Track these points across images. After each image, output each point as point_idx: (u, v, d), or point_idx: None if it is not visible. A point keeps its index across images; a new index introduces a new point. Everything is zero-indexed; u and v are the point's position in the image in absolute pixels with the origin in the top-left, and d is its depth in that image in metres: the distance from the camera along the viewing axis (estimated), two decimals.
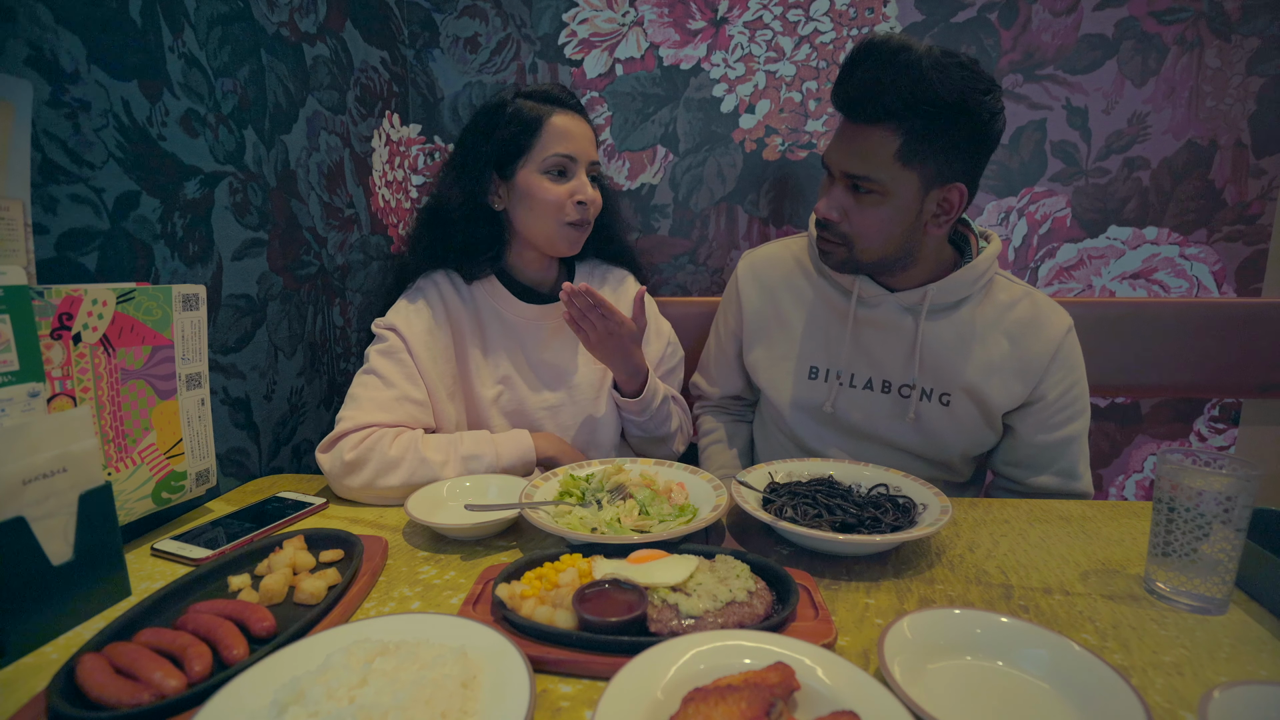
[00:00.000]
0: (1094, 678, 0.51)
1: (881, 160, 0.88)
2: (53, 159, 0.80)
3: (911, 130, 0.86)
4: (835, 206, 0.94)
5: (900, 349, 1.04)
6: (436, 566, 0.77)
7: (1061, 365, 1.00)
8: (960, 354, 1.01)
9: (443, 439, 1.00)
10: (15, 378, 0.65)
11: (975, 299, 1.02)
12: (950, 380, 1.02)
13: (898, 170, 0.88)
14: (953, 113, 0.84)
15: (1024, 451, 1.05)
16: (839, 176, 0.93)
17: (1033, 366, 1.00)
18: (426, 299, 1.09)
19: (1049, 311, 1.02)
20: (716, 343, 1.24)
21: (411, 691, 0.47)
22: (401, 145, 1.65)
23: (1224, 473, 0.64)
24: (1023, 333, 1.00)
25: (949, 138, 0.86)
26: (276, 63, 1.21)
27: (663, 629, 0.58)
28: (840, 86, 0.90)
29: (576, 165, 1.05)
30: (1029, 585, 0.71)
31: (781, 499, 0.83)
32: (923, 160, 0.88)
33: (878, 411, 1.07)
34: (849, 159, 0.90)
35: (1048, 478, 1.04)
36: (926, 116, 0.84)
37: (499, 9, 1.59)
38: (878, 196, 0.91)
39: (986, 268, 1.00)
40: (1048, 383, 1.00)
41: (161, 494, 0.86)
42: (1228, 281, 1.45)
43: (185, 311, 0.87)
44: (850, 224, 0.94)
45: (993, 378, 1.01)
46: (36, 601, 0.62)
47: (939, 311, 1.02)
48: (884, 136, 0.87)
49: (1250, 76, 1.37)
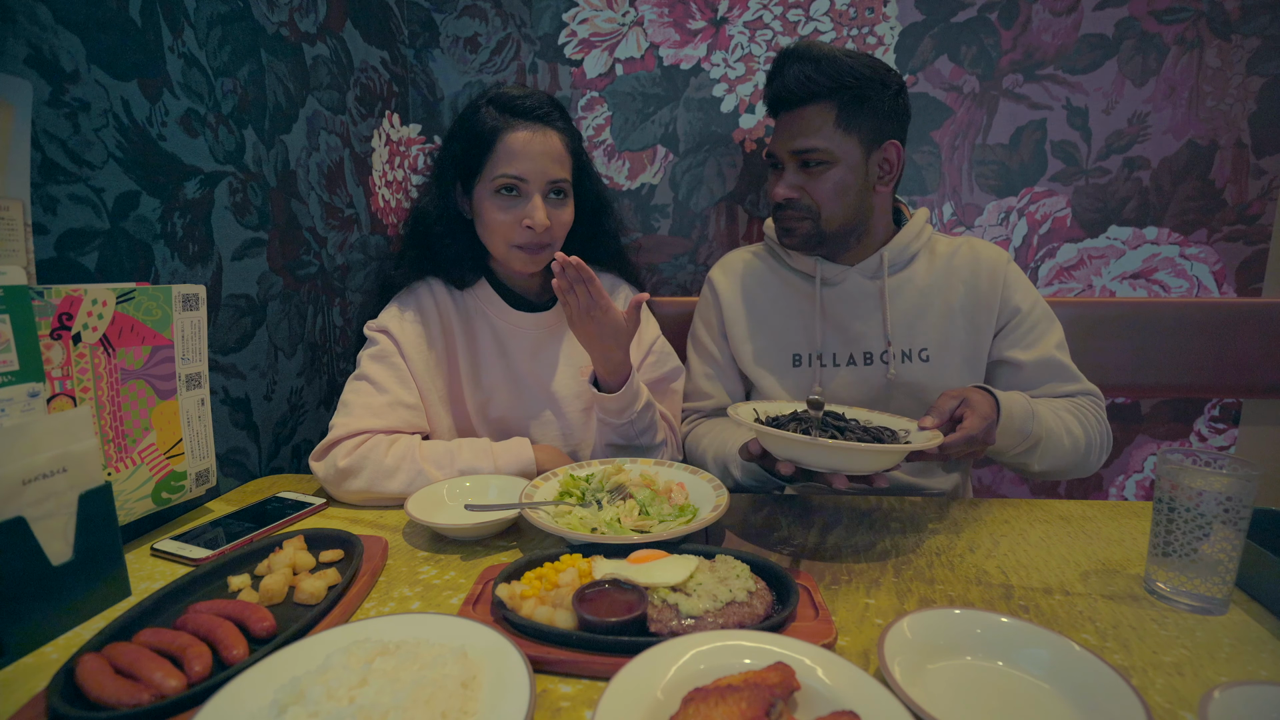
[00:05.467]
0: (1094, 678, 0.51)
1: (824, 130, 1.01)
2: (53, 159, 0.80)
3: (843, 101, 1.00)
4: (791, 185, 1.05)
5: (872, 315, 1.11)
6: (436, 566, 0.77)
7: (1014, 282, 1.10)
8: (925, 305, 1.10)
9: (440, 448, 0.99)
10: (15, 378, 0.65)
11: (923, 256, 1.13)
12: (924, 333, 1.10)
13: (841, 137, 1.01)
14: (870, 84, 1.00)
15: (1016, 378, 1.08)
16: (788, 159, 1.05)
17: (990, 296, 1.09)
18: (419, 302, 1.09)
19: (985, 249, 1.13)
20: (701, 353, 1.22)
21: (411, 691, 0.47)
22: (401, 145, 1.65)
23: (1224, 473, 0.64)
24: (972, 273, 1.10)
25: (873, 104, 1.01)
26: (276, 63, 1.21)
27: (663, 629, 0.58)
28: (772, 86, 1.05)
29: (529, 186, 1.01)
30: (1029, 585, 0.71)
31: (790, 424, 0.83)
32: (859, 124, 1.01)
33: (864, 385, 1.11)
34: (795, 139, 1.02)
35: (1057, 386, 1.06)
36: (851, 88, 1.00)
37: (499, 9, 1.59)
38: (827, 165, 1.02)
39: (922, 225, 1.13)
40: (1013, 299, 1.09)
41: (161, 494, 0.86)
42: (1228, 281, 1.45)
43: (185, 311, 0.87)
44: (810, 196, 1.04)
45: (958, 319, 1.09)
46: (36, 601, 0.62)
47: (897, 270, 1.11)
48: (821, 110, 1.01)
49: (1250, 76, 1.37)
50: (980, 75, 1.46)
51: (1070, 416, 0.99)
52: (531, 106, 1.02)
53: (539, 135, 1.01)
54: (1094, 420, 1.02)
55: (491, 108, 1.02)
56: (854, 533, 0.85)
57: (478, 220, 1.06)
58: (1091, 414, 1.03)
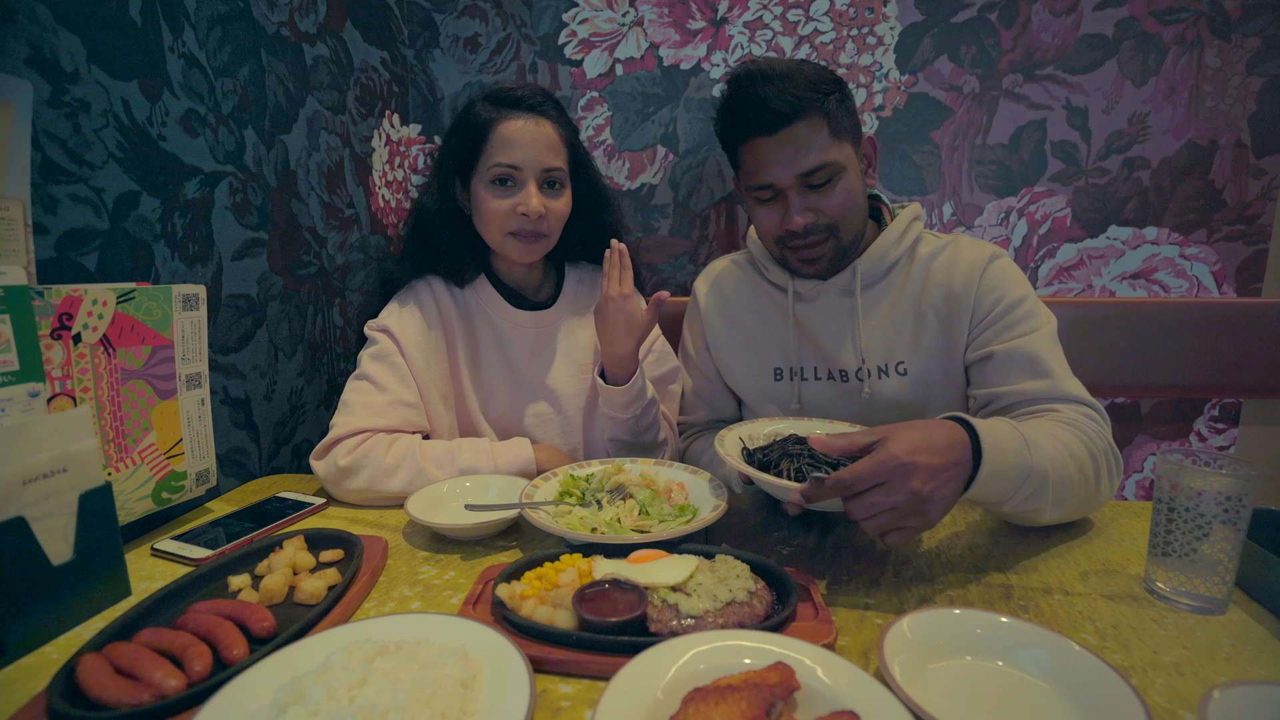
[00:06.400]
0: (1094, 678, 0.51)
1: (823, 142, 0.95)
2: (53, 159, 0.80)
3: (826, 108, 0.95)
4: (805, 210, 0.97)
5: (845, 332, 1.06)
6: (436, 566, 0.77)
7: (994, 278, 0.99)
8: (901, 316, 1.03)
9: (441, 448, 0.99)
10: (15, 378, 0.65)
11: (903, 263, 1.06)
12: (901, 346, 1.03)
13: (837, 144, 0.96)
14: (836, 84, 0.97)
15: (983, 373, 0.97)
16: (791, 185, 0.96)
17: (965, 295, 0.99)
18: (419, 300, 1.09)
19: (969, 248, 1.03)
20: (689, 365, 1.21)
21: (412, 691, 0.47)
22: (401, 145, 1.65)
23: (1224, 473, 0.64)
24: (948, 275, 1.02)
25: (845, 103, 0.98)
26: (276, 63, 1.21)
27: (663, 629, 0.58)
28: (750, 115, 0.96)
29: (523, 174, 1.02)
30: (1029, 585, 0.71)
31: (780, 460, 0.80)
32: (844, 125, 0.97)
33: (844, 401, 1.07)
34: (797, 161, 0.94)
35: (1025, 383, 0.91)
36: (826, 93, 0.94)
37: (499, 9, 1.59)
38: (837, 176, 0.96)
39: (906, 226, 1.05)
40: (989, 295, 0.98)
41: (161, 494, 0.86)
42: (1228, 281, 1.45)
43: (185, 311, 0.87)
44: (825, 214, 0.98)
45: (933, 326, 1.02)
46: (36, 601, 0.62)
47: (872, 284, 1.05)
48: (813, 123, 0.94)
49: (1250, 76, 1.37)
50: (980, 75, 1.46)
51: (1063, 431, 0.80)
52: (524, 97, 1.04)
53: (532, 124, 1.03)
54: (1095, 435, 0.82)
55: (486, 103, 1.04)
56: (854, 533, 0.85)
57: (475, 213, 1.07)
58: (1091, 429, 0.83)
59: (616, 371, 1.04)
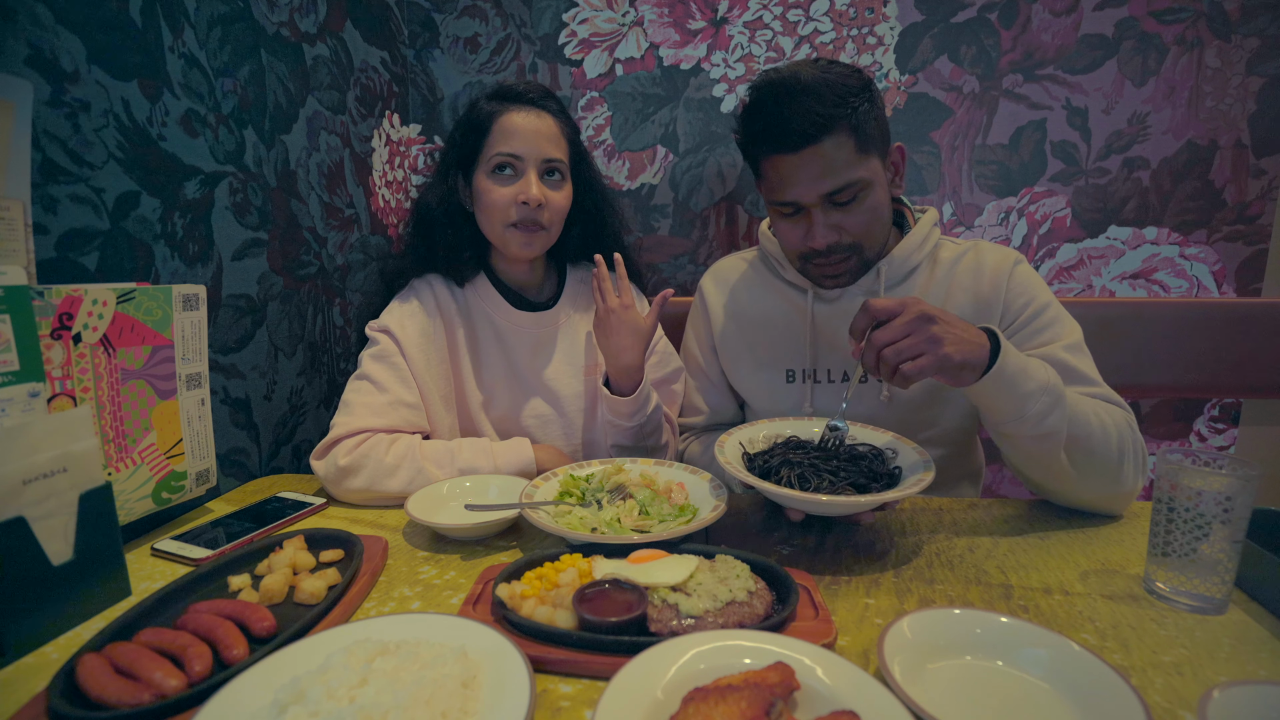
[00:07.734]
0: (1094, 678, 0.51)
1: (849, 160, 0.91)
2: (53, 159, 0.80)
3: (853, 123, 0.90)
4: (830, 228, 0.94)
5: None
6: (436, 566, 0.77)
7: (1021, 283, 1.00)
8: None
9: (441, 447, 0.99)
10: (15, 378, 0.65)
11: (925, 267, 1.04)
12: None
13: (864, 161, 0.92)
14: (862, 93, 0.91)
15: None
16: (816, 203, 0.93)
17: (993, 300, 1.00)
18: (420, 300, 1.09)
19: (992, 253, 1.03)
20: (691, 366, 1.20)
21: (412, 691, 0.47)
22: (401, 145, 1.65)
23: (1224, 473, 0.64)
24: (974, 280, 1.01)
25: (874, 112, 0.93)
26: (276, 63, 1.21)
27: (663, 629, 0.58)
28: (774, 130, 0.91)
29: (524, 164, 1.02)
30: (1029, 585, 0.71)
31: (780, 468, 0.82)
32: (872, 139, 0.93)
33: (861, 402, 1.05)
34: (822, 180, 0.91)
35: None
36: (852, 106, 0.90)
37: (499, 9, 1.59)
38: (863, 194, 0.93)
39: (927, 232, 1.04)
40: (1017, 301, 0.99)
41: (161, 494, 0.86)
42: (1228, 281, 1.45)
43: (185, 311, 0.88)
44: (849, 232, 0.95)
45: None
46: (36, 601, 0.62)
47: (894, 286, 1.04)
48: (839, 142, 0.90)
49: (1250, 76, 1.37)
50: (980, 75, 1.46)
51: (1090, 404, 0.85)
52: (524, 91, 1.05)
53: (533, 116, 1.04)
54: (1122, 419, 0.86)
55: (489, 99, 1.05)
56: (854, 533, 0.85)
57: (477, 207, 1.07)
58: (1119, 414, 0.87)
59: (622, 381, 1.04)
